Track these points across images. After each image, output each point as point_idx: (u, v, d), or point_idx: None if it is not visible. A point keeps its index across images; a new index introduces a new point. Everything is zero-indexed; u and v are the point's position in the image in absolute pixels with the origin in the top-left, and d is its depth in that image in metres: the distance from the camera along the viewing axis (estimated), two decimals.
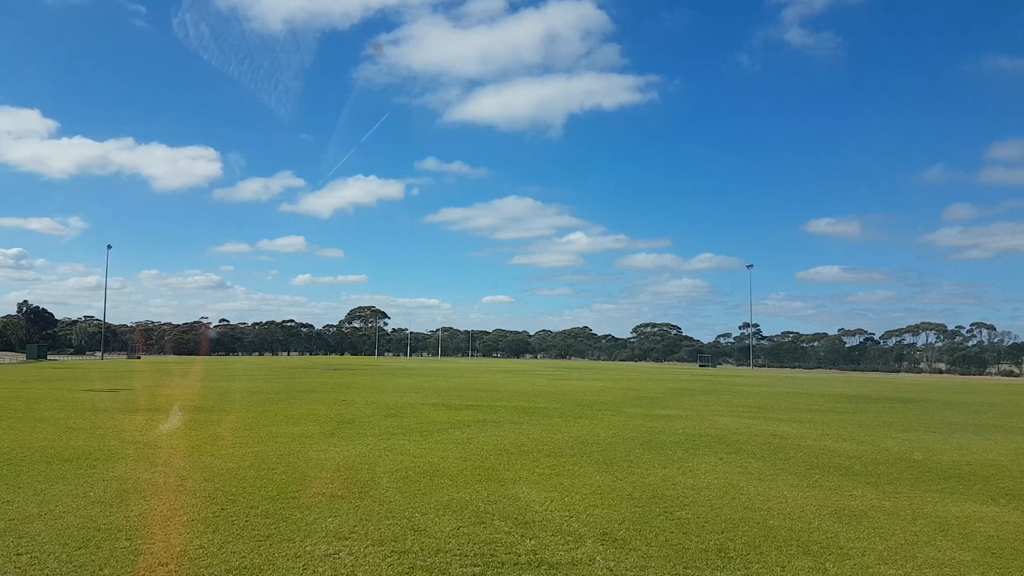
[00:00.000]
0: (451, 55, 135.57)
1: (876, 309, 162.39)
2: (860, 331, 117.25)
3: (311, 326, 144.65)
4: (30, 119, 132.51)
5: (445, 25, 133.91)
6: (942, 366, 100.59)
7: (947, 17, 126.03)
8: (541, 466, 9.65)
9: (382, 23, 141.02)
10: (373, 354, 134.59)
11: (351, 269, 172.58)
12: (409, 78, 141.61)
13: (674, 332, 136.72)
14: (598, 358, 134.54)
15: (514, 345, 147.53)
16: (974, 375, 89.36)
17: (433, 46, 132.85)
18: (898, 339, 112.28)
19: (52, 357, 71.29)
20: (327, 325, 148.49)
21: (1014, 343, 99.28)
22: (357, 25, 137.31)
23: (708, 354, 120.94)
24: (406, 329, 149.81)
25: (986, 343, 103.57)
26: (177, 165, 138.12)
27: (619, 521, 6.75)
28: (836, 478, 9.30)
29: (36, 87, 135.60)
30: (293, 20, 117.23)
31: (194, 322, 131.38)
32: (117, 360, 68.42)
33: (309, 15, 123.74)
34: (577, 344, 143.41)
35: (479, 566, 5.37)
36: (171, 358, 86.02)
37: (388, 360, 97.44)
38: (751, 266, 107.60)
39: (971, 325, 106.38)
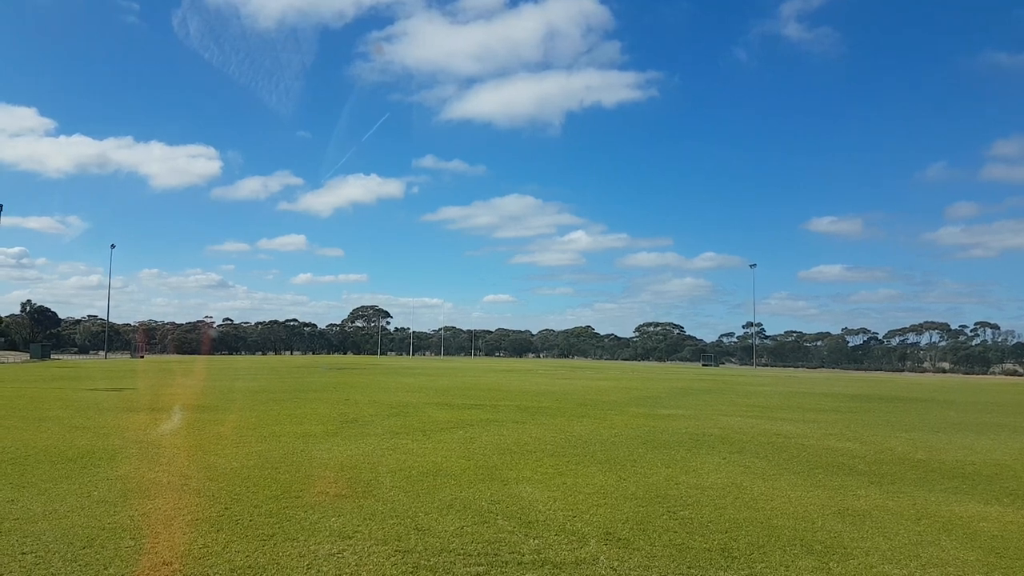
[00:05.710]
0: (448, 51, 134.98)
1: (879, 308, 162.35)
2: (863, 330, 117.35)
3: (314, 325, 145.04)
4: (26, 117, 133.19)
5: (441, 21, 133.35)
6: (946, 365, 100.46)
7: (947, 13, 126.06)
8: (544, 465, 9.66)
9: (375, 20, 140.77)
10: (376, 353, 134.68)
11: (352, 268, 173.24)
12: (405, 76, 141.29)
13: (677, 331, 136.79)
14: (601, 357, 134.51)
15: (516, 344, 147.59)
16: (978, 374, 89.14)
17: (429, 42, 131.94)
18: (901, 338, 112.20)
19: (56, 356, 71.51)
20: (330, 324, 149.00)
21: (1018, 342, 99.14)
22: (350, 23, 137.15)
23: (711, 353, 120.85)
24: (408, 328, 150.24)
25: (990, 342, 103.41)
26: (176, 163, 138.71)
27: (622, 521, 6.75)
28: (840, 478, 9.28)
29: (32, 85, 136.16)
30: (286, 18, 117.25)
31: (197, 321, 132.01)
32: (120, 359, 68.58)
33: (301, 13, 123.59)
34: (579, 343, 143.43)
35: (483, 565, 5.37)
36: (174, 357, 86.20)
37: (391, 359, 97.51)
38: (754, 265, 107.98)
39: (975, 324, 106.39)
